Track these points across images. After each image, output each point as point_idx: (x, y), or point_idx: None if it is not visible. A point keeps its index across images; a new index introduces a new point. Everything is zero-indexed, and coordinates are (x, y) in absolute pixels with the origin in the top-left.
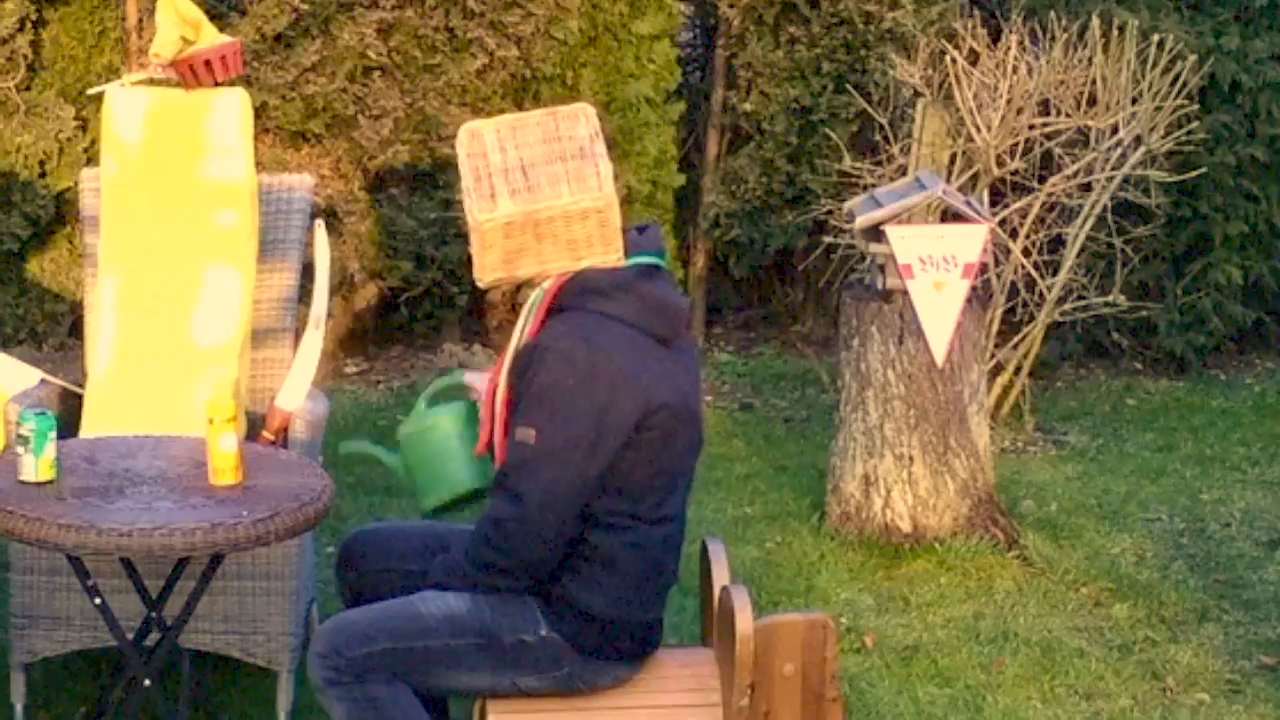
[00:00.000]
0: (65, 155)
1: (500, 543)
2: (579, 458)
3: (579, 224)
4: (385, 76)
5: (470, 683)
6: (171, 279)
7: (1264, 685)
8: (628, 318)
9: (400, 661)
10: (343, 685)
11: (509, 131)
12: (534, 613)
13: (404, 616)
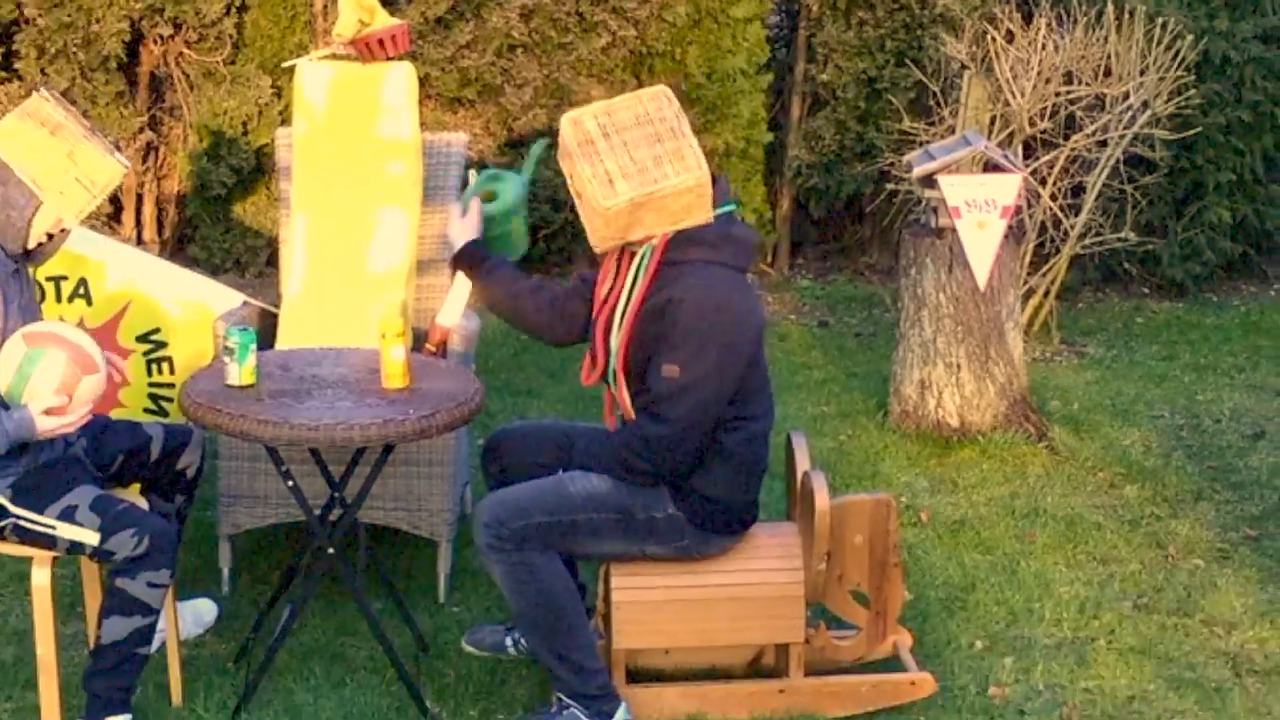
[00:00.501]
0: (263, 117)
1: (649, 456)
2: (715, 385)
3: (684, 198)
4: (526, 53)
5: (607, 550)
6: (350, 218)
7: (1249, 552)
8: (729, 261)
9: (551, 532)
10: (503, 552)
11: (606, 118)
12: (663, 495)
13: (555, 495)
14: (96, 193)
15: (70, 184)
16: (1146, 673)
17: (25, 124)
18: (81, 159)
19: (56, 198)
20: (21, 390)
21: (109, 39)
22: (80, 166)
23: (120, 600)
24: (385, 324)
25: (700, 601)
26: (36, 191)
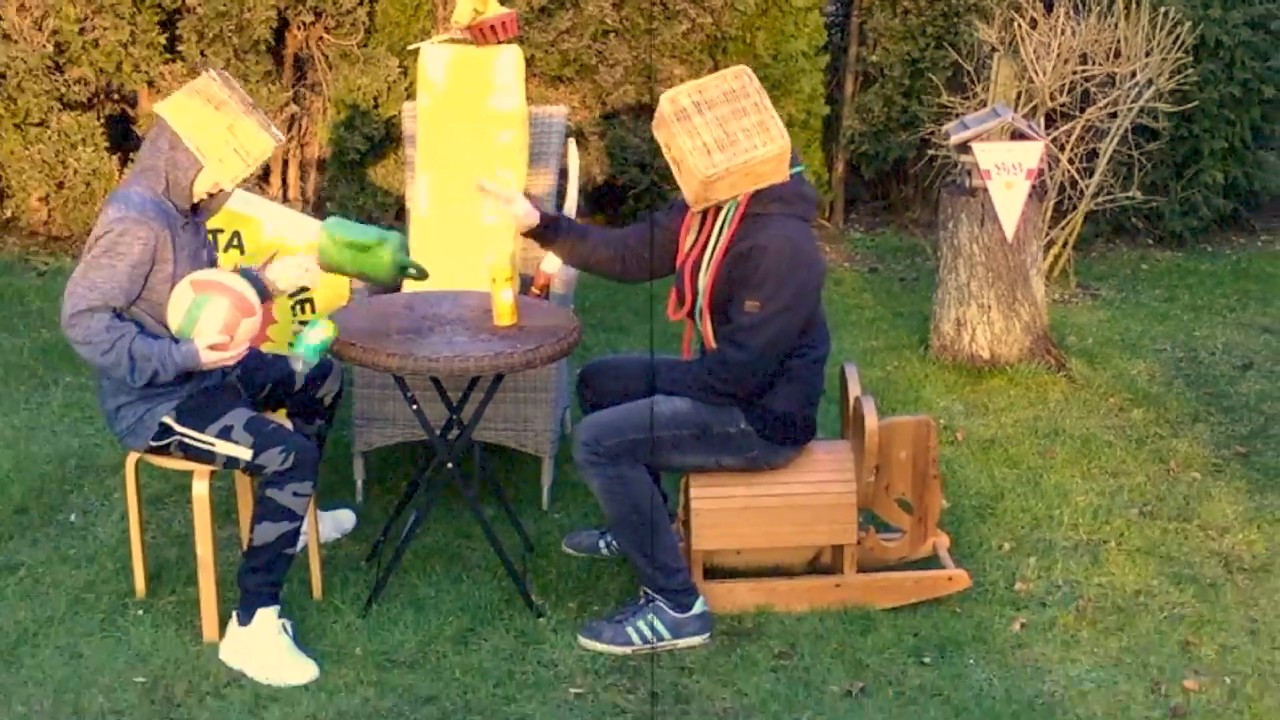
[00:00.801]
0: (391, 93)
1: (728, 378)
2: (789, 318)
3: (768, 164)
4: (617, 37)
5: (687, 462)
6: (467, 180)
7: (1239, 467)
8: (801, 215)
9: (640, 448)
10: (599, 466)
11: (699, 95)
12: (735, 413)
13: (643, 415)
14: (250, 162)
15: (229, 153)
16: (1151, 570)
17: (194, 99)
18: (240, 132)
19: (216, 164)
20: (190, 329)
21: (259, 25)
22: (238, 139)
23: (269, 508)
24: (496, 270)
25: (768, 509)
26: (200, 158)
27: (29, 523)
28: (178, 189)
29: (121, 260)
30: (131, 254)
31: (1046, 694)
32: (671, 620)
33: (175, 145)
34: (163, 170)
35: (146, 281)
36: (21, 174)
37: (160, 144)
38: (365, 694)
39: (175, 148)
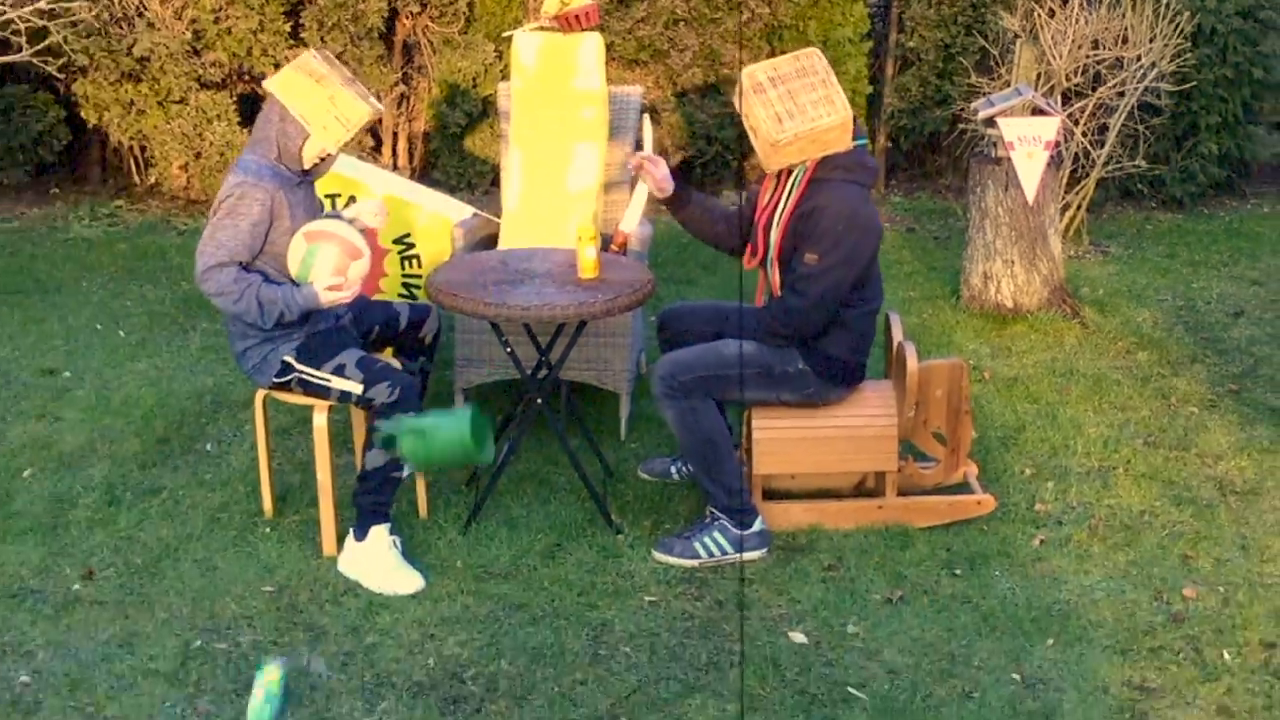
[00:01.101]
0: (488, 74)
1: (788, 323)
2: (843, 272)
3: (832, 132)
4: (686, 25)
5: (751, 397)
6: (554, 151)
7: (1231, 402)
8: (861, 181)
9: (709, 383)
10: (673, 399)
11: (774, 71)
12: (795, 355)
13: (714, 354)
14: (350, 128)
15: (330, 121)
16: (1154, 493)
17: (297, 75)
18: (340, 102)
19: (320, 131)
20: (307, 274)
21: (372, 15)
22: (339, 108)
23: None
24: (580, 230)
25: (820, 439)
26: (305, 126)
27: (170, 451)
28: (289, 155)
29: (243, 220)
30: (251, 214)
31: (1063, 601)
32: (734, 536)
33: (284, 117)
34: (274, 140)
35: (267, 237)
36: (164, 145)
37: (271, 116)
38: (465, 602)
39: (284, 119)
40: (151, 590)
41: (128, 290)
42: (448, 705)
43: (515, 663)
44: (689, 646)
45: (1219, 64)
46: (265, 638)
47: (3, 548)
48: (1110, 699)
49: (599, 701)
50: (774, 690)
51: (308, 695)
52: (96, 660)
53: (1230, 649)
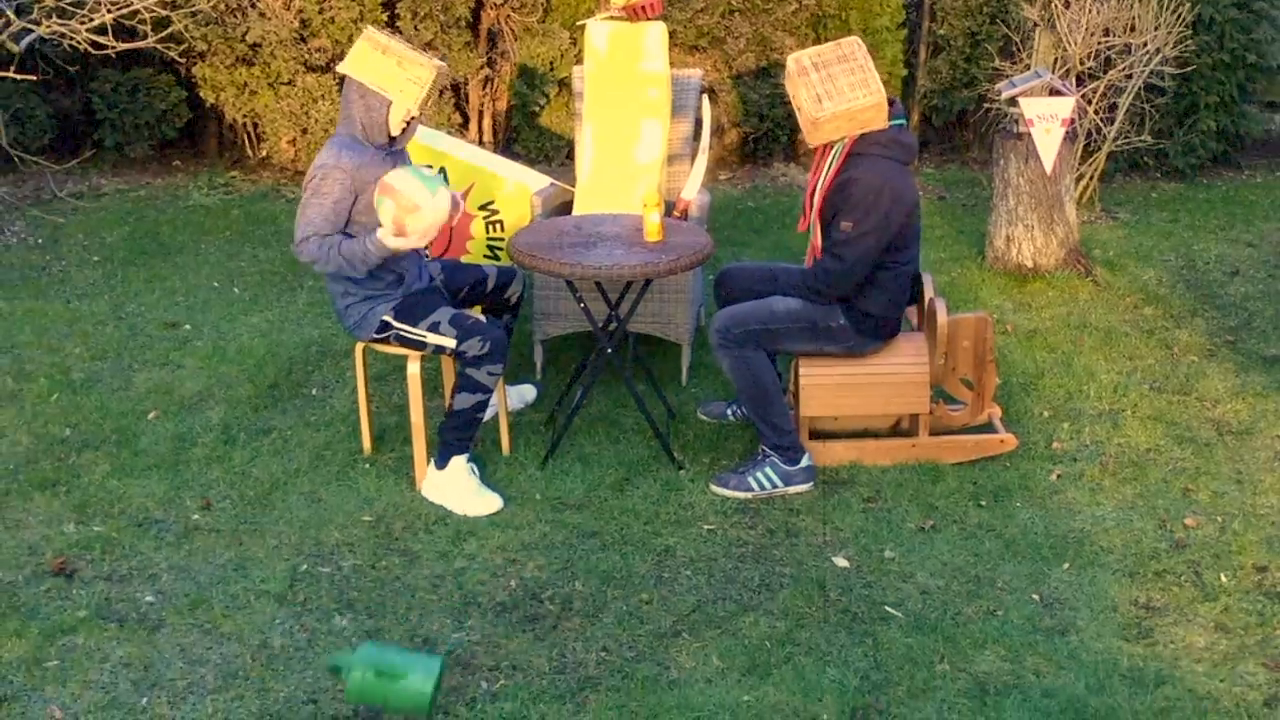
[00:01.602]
0: (564, 59)
1: (828, 282)
2: (876, 238)
3: (867, 112)
4: (741, 15)
5: (798, 348)
6: (623, 126)
7: (1229, 352)
8: (896, 156)
9: (761, 335)
10: (728, 349)
11: (817, 56)
12: (837, 311)
13: (766, 310)
14: (424, 86)
15: (406, 84)
16: (1159, 433)
17: (364, 52)
18: (408, 65)
19: (399, 95)
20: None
21: (460, 5)
22: (408, 71)
23: (469, 382)
24: (647, 197)
25: (860, 384)
26: (385, 94)
27: (279, 395)
28: (375, 128)
29: (326, 199)
30: (333, 193)
31: (1077, 530)
32: (783, 471)
33: (364, 93)
34: (357, 117)
35: (355, 207)
36: (274, 122)
37: (351, 96)
38: (543, 529)
39: (364, 95)
40: (263, 520)
41: (241, 252)
42: (528, 623)
43: (588, 584)
44: (743, 570)
45: (1217, 50)
46: (364, 562)
47: (130, 481)
48: (1120, 616)
49: (663, 619)
50: (819, 609)
51: (403, 613)
52: (214, 582)
53: (1227, 572)
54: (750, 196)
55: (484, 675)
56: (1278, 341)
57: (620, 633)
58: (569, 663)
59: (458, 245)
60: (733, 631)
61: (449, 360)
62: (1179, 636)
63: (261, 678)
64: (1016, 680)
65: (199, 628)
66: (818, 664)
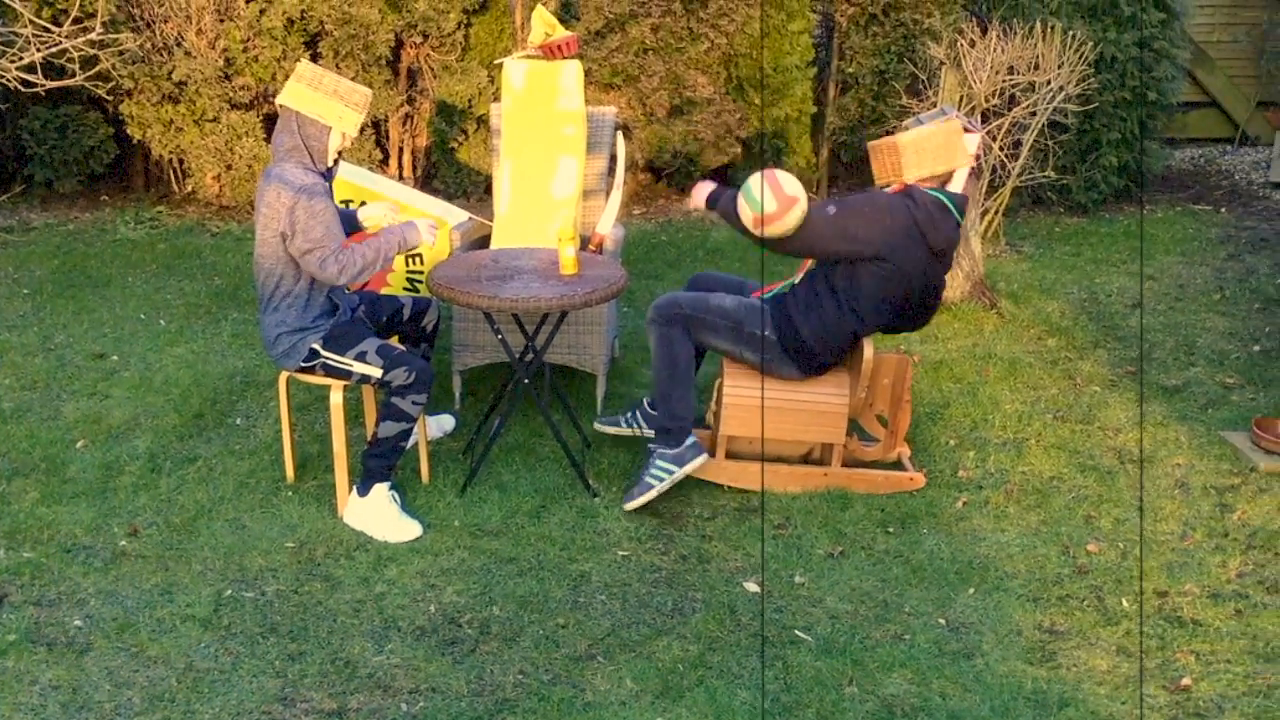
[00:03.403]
0: (482, 96)
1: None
2: (835, 227)
3: (915, 169)
4: (654, 54)
5: (719, 344)
6: (540, 162)
7: (1129, 382)
8: (913, 196)
9: (690, 320)
10: (658, 323)
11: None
12: (770, 321)
13: (703, 300)
14: (361, 110)
15: (343, 110)
16: (1062, 461)
17: (300, 84)
18: (343, 93)
19: (338, 121)
20: None
21: (381, 44)
22: (345, 99)
23: (392, 411)
24: (562, 232)
25: (780, 408)
26: (324, 121)
27: (205, 424)
28: (318, 154)
29: (326, 214)
30: (329, 207)
31: (982, 556)
32: (672, 455)
33: (303, 122)
34: (302, 145)
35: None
36: (199, 158)
37: (291, 126)
38: (461, 555)
39: (304, 124)
40: (189, 546)
41: (167, 285)
42: (446, 646)
43: (505, 608)
44: (656, 595)
45: (1118, 87)
46: (287, 587)
47: (59, 509)
48: (1024, 640)
49: (578, 642)
50: (730, 633)
51: (325, 637)
52: (141, 607)
53: (1128, 597)
54: (664, 231)
55: (404, 698)
56: (1178, 372)
57: (537, 656)
58: (487, 685)
59: (378, 278)
60: (646, 655)
61: (370, 390)
62: (1081, 660)
63: (187, 700)
64: (923, 703)
65: (126, 651)
66: (729, 686)
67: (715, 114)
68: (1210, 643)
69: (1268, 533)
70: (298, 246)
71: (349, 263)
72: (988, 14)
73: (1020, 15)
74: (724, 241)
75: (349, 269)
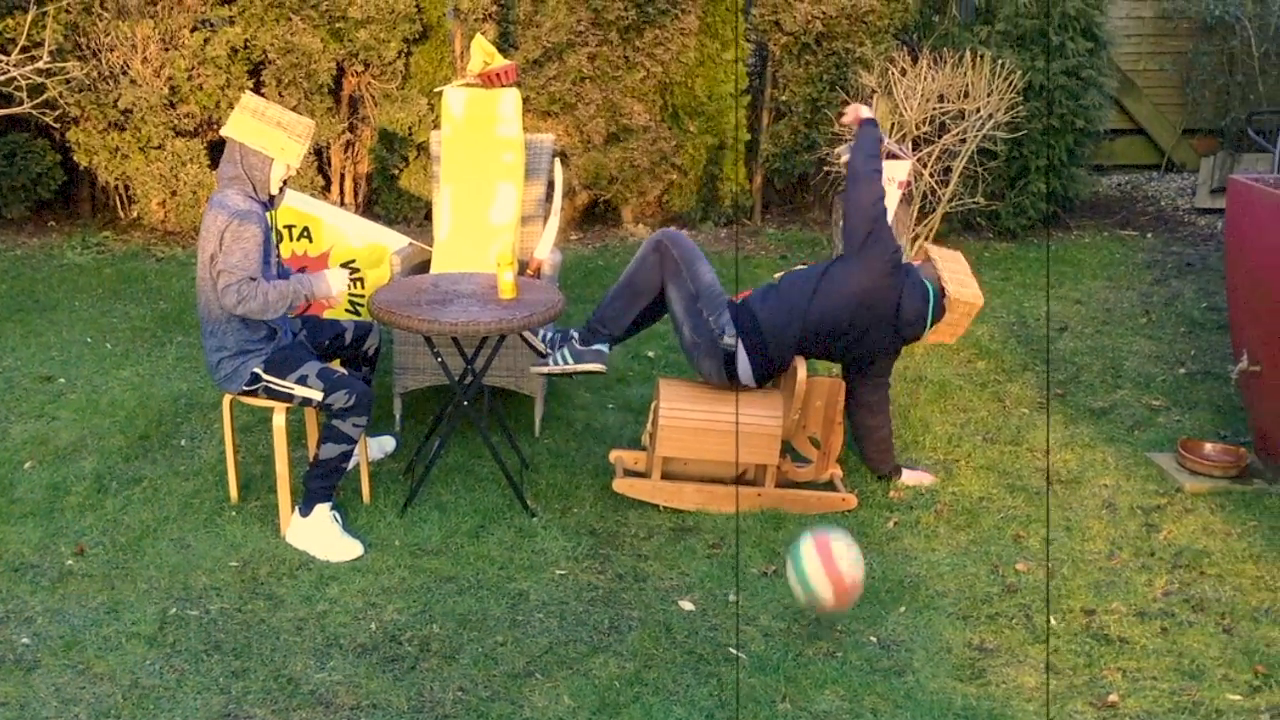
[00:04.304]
0: (422, 124)
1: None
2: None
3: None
4: (591, 82)
5: (675, 304)
6: (479, 189)
7: (1057, 404)
8: (898, 264)
9: (675, 263)
10: (649, 244)
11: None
12: (729, 325)
13: (691, 256)
14: (304, 142)
15: (286, 141)
16: (991, 482)
17: (244, 115)
18: (287, 124)
19: (280, 153)
20: None
21: (323, 73)
22: (287, 130)
23: (334, 433)
24: (500, 257)
25: (715, 430)
26: (268, 153)
27: (150, 446)
28: (260, 184)
29: (249, 243)
30: (257, 238)
31: (913, 574)
32: (576, 351)
33: (246, 153)
34: (244, 175)
35: None
36: (144, 185)
37: (234, 157)
38: (402, 574)
39: (246, 155)
40: (134, 565)
41: (114, 309)
42: (387, 663)
43: (445, 626)
44: (593, 613)
45: (1046, 115)
46: (231, 605)
47: (6, 529)
48: (954, 658)
49: (516, 660)
50: (666, 650)
51: (268, 654)
52: (87, 625)
53: (1056, 615)
54: (600, 255)
55: (345, 714)
56: (1105, 395)
57: (476, 673)
58: (427, 702)
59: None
60: (584, 672)
61: (313, 412)
62: (1010, 677)
63: (133, 716)
64: (855, 719)
65: (73, 668)
66: (665, 703)
67: (651, 141)
68: (1137, 660)
69: (1193, 552)
70: (215, 266)
71: (249, 296)
72: (918, 43)
73: (950, 44)
74: None
75: (247, 302)
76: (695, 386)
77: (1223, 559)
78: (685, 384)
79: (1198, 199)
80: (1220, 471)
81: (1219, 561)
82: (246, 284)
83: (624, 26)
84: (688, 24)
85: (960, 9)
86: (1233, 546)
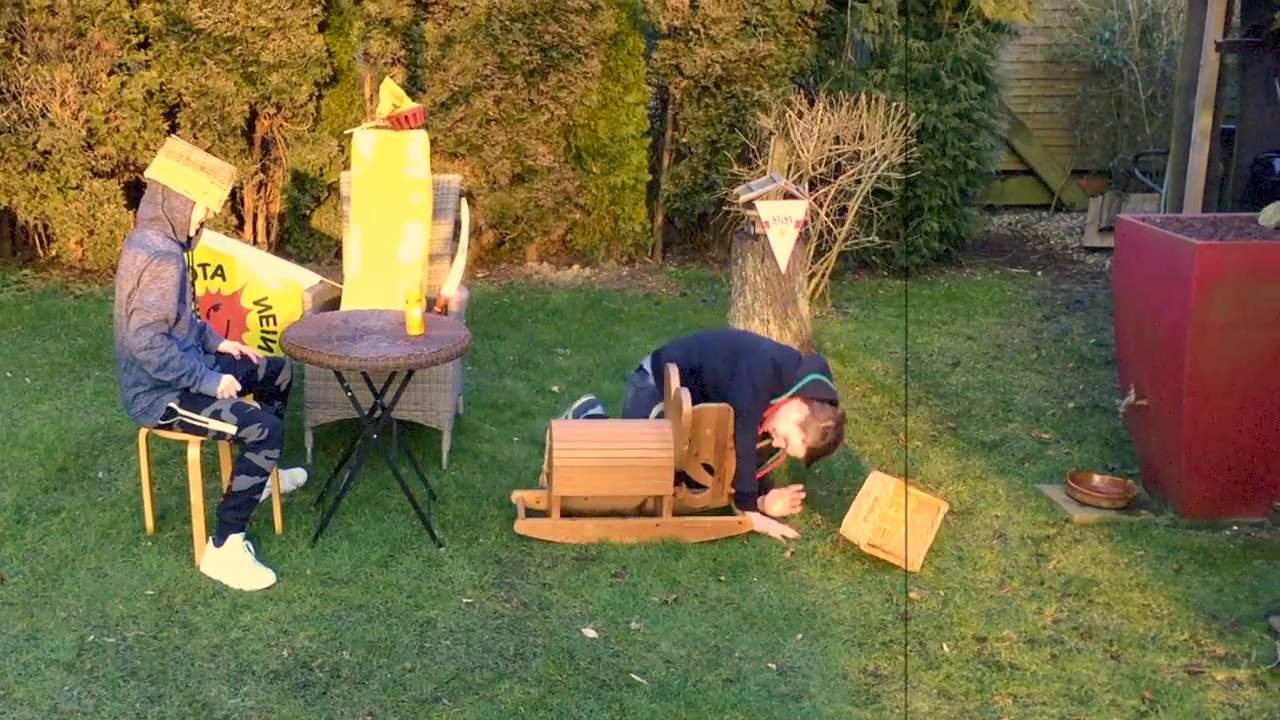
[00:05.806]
0: (333, 165)
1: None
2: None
3: None
4: (497, 124)
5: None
6: (388, 228)
7: (950, 438)
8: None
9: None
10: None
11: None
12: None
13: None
14: (225, 187)
15: (208, 185)
16: None
17: (169, 159)
18: (209, 169)
19: (202, 196)
20: None
21: (236, 115)
22: (209, 175)
23: (246, 466)
24: (409, 294)
25: (611, 467)
26: (190, 196)
27: (68, 478)
28: (180, 226)
29: (166, 283)
30: (173, 278)
31: (810, 603)
32: None
33: (168, 195)
34: (165, 216)
35: None
36: (62, 224)
37: (156, 198)
38: (313, 603)
39: (169, 197)
40: (53, 594)
41: (33, 345)
42: (299, 689)
43: (355, 653)
44: (499, 640)
45: (939, 156)
46: (147, 633)
47: None
48: (849, 684)
49: (424, 686)
50: (570, 677)
51: (183, 680)
52: (7, 652)
53: (949, 642)
54: (505, 293)
55: None
56: (996, 428)
57: (385, 699)
58: None
59: (234, 338)
60: (490, 698)
61: (226, 445)
62: (904, 702)
63: None
64: None
65: None
66: None
67: (555, 181)
68: (1027, 686)
69: (1081, 581)
70: (131, 303)
71: (159, 346)
72: (815, 87)
73: (846, 87)
74: (563, 304)
75: (155, 351)
76: (587, 425)
77: (1110, 588)
78: (577, 424)
79: (1086, 238)
80: (1108, 503)
81: (1107, 590)
82: (161, 337)
83: (529, 70)
84: (591, 68)
85: (855, 53)
86: (1120, 575)
